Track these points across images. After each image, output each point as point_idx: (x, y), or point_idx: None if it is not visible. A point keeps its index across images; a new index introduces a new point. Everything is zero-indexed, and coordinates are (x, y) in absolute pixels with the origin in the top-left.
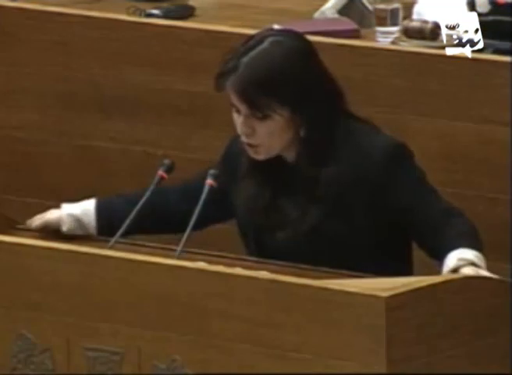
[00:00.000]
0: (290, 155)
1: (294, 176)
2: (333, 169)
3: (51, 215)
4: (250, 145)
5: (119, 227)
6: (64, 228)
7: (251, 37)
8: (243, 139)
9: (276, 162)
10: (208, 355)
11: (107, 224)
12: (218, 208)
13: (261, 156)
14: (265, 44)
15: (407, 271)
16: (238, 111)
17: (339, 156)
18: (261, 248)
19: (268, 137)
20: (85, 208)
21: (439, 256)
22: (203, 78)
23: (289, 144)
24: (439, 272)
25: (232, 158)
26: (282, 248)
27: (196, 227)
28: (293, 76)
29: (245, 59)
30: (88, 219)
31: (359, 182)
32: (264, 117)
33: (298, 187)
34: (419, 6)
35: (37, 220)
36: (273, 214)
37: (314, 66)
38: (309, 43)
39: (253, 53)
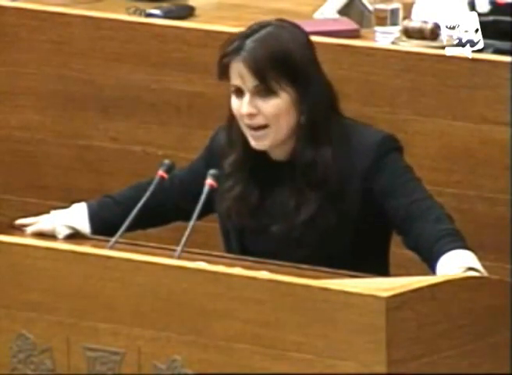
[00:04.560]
0: (278, 153)
1: (280, 173)
2: (329, 156)
3: (44, 225)
4: (256, 128)
5: (113, 230)
6: (60, 236)
7: (253, 24)
8: (247, 121)
9: (262, 160)
10: (208, 355)
11: (101, 230)
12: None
13: (266, 142)
14: (269, 28)
15: (383, 268)
16: (240, 93)
17: (334, 149)
18: (245, 246)
19: (274, 117)
20: (79, 218)
21: (422, 247)
22: (203, 78)
23: (288, 135)
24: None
25: (217, 153)
26: (268, 247)
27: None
28: (300, 55)
29: (252, 38)
30: (83, 227)
31: (353, 173)
32: (270, 94)
33: (285, 185)
34: (418, 6)
35: (30, 229)
36: (260, 215)
37: (315, 55)
38: (309, 36)
39: (258, 34)
